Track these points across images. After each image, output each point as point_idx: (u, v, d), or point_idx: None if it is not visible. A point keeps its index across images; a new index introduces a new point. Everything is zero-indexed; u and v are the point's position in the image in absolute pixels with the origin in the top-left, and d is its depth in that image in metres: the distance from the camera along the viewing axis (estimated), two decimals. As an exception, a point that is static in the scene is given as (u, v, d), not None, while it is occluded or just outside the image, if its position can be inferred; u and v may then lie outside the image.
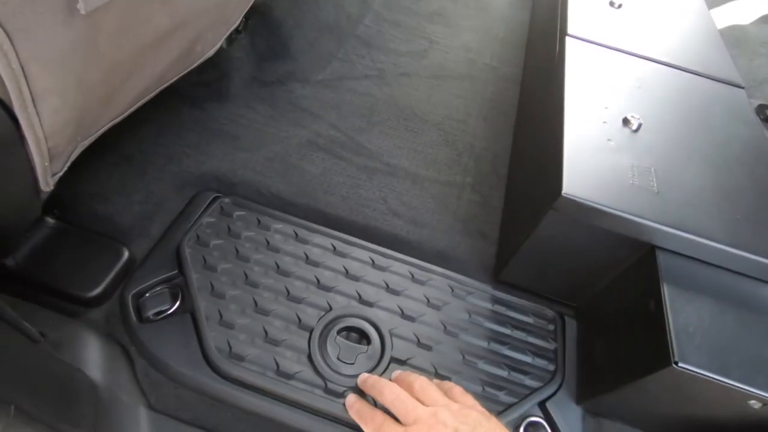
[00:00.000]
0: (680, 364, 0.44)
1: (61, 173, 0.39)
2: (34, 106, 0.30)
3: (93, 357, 0.54)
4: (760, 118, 0.91)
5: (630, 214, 0.53)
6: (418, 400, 0.48)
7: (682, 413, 0.51)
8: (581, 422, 0.58)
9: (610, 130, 0.62)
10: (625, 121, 0.64)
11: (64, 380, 0.47)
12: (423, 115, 0.95)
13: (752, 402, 0.45)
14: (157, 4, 0.38)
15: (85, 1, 0.30)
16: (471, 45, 1.16)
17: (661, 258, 0.53)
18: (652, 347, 0.47)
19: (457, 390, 0.51)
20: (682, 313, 0.48)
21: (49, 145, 0.34)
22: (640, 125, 0.63)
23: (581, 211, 0.54)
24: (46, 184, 0.37)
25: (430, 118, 0.94)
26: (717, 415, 0.49)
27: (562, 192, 0.53)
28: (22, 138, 0.31)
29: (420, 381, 0.51)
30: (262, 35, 0.96)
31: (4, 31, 0.26)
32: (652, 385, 0.48)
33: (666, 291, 0.50)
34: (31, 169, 0.34)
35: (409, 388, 0.50)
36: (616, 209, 0.53)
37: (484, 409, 0.48)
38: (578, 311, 0.68)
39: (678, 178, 0.58)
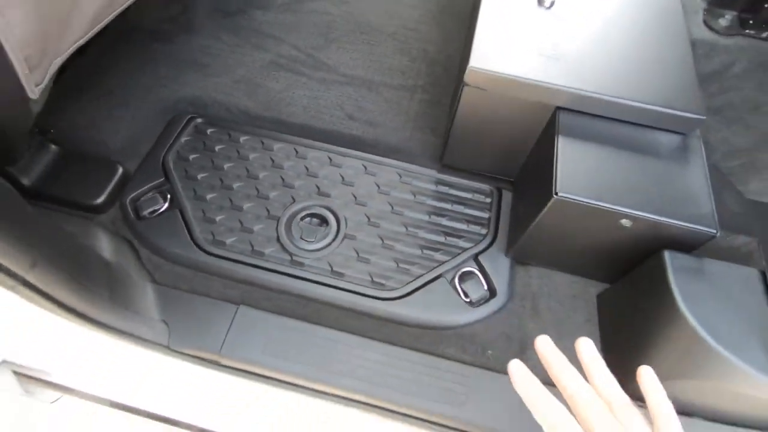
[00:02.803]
0: (560, 194, 0.53)
1: (43, 84, 0.49)
2: (3, 14, 0.39)
3: (104, 246, 0.68)
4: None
5: (531, 79, 0.60)
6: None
7: (574, 243, 0.61)
8: (508, 270, 0.70)
9: (524, 8, 0.68)
10: (540, 1, 0.68)
11: (76, 248, 0.59)
12: (378, 27, 1.00)
13: (623, 221, 0.54)
14: None
15: None
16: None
17: (561, 116, 0.60)
18: (544, 189, 0.57)
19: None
20: (569, 158, 0.56)
21: (24, 54, 0.44)
22: (552, 3, 0.68)
23: (490, 81, 0.61)
24: (32, 91, 0.48)
25: (384, 29, 1.00)
26: (599, 239, 0.58)
27: (469, 65, 0.60)
28: (1, 45, 0.41)
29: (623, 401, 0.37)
30: (218, -34, 1.01)
31: None
32: (547, 218, 0.58)
33: (559, 142, 0.58)
34: (15, 75, 0.45)
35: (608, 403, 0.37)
36: (518, 76, 0.60)
37: None
38: (513, 183, 0.77)
39: (579, 47, 0.64)
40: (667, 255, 0.53)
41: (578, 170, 0.56)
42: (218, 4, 1.00)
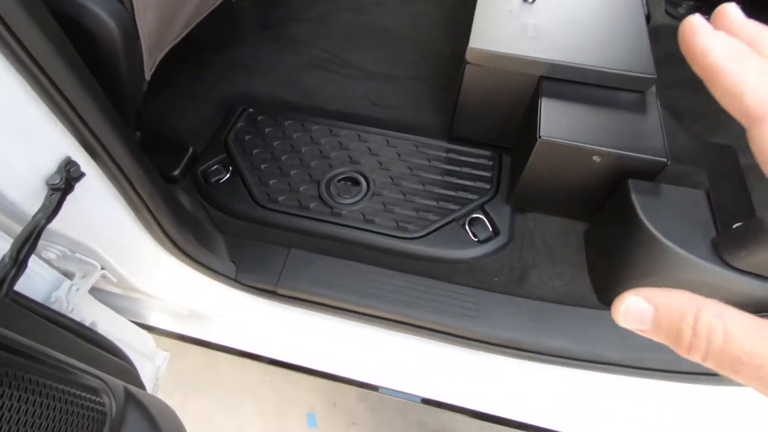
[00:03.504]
0: (543, 137, 0.69)
1: (152, 70, 0.68)
2: (144, 14, 0.58)
3: (185, 205, 0.85)
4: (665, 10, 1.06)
5: (519, 54, 0.76)
6: None
7: (559, 184, 0.76)
8: (510, 215, 0.84)
9: (512, 4, 0.85)
10: (524, -2, 0.85)
11: (177, 203, 0.77)
12: (394, 32, 1.18)
13: (594, 157, 0.69)
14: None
15: None
16: (435, -30, 1.36)
17: (544, 83, 0.76)
18: (531, 137, 0.72)
19: None
20: (551, 112, 0.72)
21: (148, 43, 0.62)
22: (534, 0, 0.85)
23: (486, 58, 0.78)
24: (147, 74, 0.66)
25: (400, 33, 1.18)
26: (578, 178, 0.73)
27: (469, 45, 0.77)
28: (137, 36, 0.59)
29: None
30: (260, -12, 1.22)
31: None
32: (535, 161, 0.73)
33: (542, 102, 0.74)
34: (141, 59, 0.63)
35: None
36: (508, 52, 0.76)
37: None
38: (512, 149, 0.93)
39: (557, 29, 0.80)
40: (631, 182, 0.68)
41: (558, 121, 0.71)
42: (260, 19, 1.20)
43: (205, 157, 0.93)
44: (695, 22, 0.25)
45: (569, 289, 0.77)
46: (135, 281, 0.74)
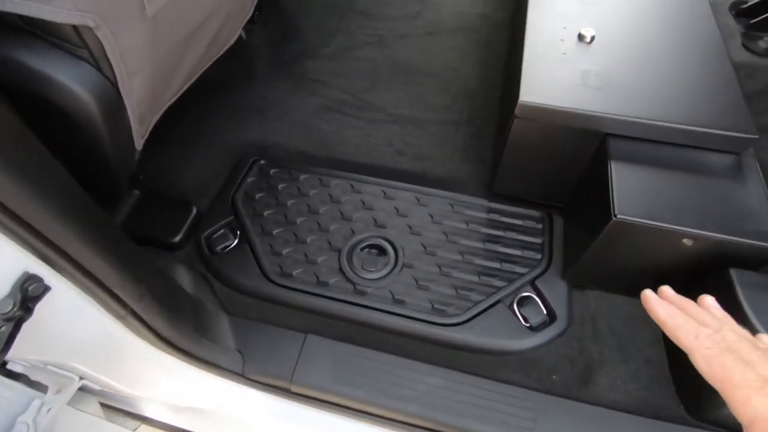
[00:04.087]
0: (619, 216, 0.55)
1: (145, 137, 0.57)
2: (129, 82, 0.47)
3: (185, 281, 0.74)
4: (731, 13, 0.94)
5: (579, 109, 0.63)
6: None
7: (632, 264, 0.62)
8: (566, 294, 0.71)
9: (566, 45, 0.72)
10: (580, 36, 0.73)
11: (168, 281, 0.65)
12: (420, 68, 1.07)
13: (685, 240, 0.55)
14: (189, 5, 0.54)
15: (150, 6, 0.46)
16: (462, -2, 1.24)
17: (611, 142, 0.63)
18: (602, 212, 0.59)
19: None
20: (625, 181, 0.59)
21: (138, 112, 0.51)
22: (593, 37, 0.72)
23: (539, 112, 0.65)
24: (138, 143, 0.55)
25: (426, 71, 1.06)
26: (658, 259, 0.59)
27: (519, 99, 0.64)
28: (123, 107, 0.48)
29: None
30: (273, 22, 1.12)
31: (110, 30, 0.42)
32: (606, 241, 0.59)
33: (612, 167, 0.60)
34: (129, 129, 0.52)
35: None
36: (567, 107, 0.64)
37: None
38: (564, 209, 0.79)
39: (624, 75, 0.67)
40: (734, 273, 0.54)
41: (634, 192, 0.58)
42: (273, 54, 1.10)
43: (210, 219, 0.81)
44: (648, 294, 0.45)
45: (646, 396, 0.63)
46: (123, 387, 0.62)
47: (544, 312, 0.69)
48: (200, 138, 0.94)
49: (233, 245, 0.78)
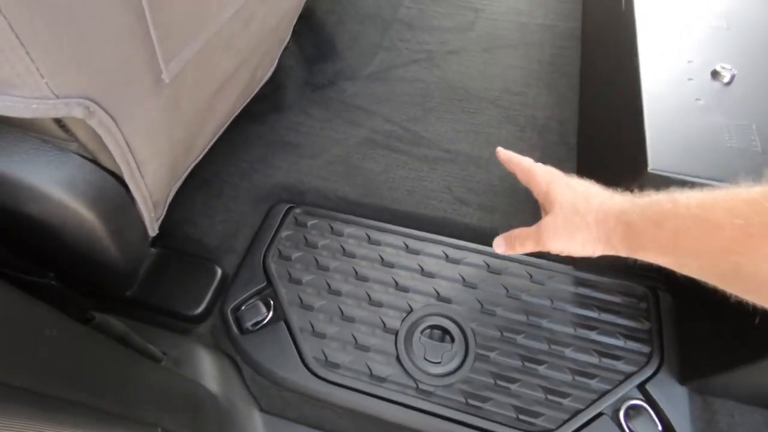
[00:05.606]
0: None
1: (162, 217, 0.43)
2: (139, 171, 0.34)
3: (208, 369, 0.60)
4: None
5: (725, 183, 0.48)
6: None
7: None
8: (688, 402, 0.56)
9: (698, 87, 0.56)
10: (714, 74, 0.57)
11: (189, 394, 0.53)
12: (478, 92, 0.91)
13: None
14: (221, 52, 0.40)
15: (167, 70, 0.32)
16: (521, 6, 1.08)
17: None
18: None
19: None
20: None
21: (153, 200, 0.38)
22: (733, 77, 0.56)
23: (671, 183, 0.50)
24: (153, 230, 0.42)
25: (486, 95, 0.91)
26: None
27: (648, 168, 0.49)
28: (132, 200, 0.35)
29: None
30: (308, 39, 0.97)
31: (109, 115, 0.29)
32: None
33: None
34: (141, 222, 0.39)
35: None
36: (712, 180, 0.48)
37: None
38: (673, 284, 0.64)
39: (783, 135, 0.51)
40: None
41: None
42: (307, 77, 0.95)
43: (237, 286, 0.68)
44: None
45: None
46: None
47: (659, 428, 0.55)
48: (224, 180, 0.80)
49: (267, 320, 0.65)
